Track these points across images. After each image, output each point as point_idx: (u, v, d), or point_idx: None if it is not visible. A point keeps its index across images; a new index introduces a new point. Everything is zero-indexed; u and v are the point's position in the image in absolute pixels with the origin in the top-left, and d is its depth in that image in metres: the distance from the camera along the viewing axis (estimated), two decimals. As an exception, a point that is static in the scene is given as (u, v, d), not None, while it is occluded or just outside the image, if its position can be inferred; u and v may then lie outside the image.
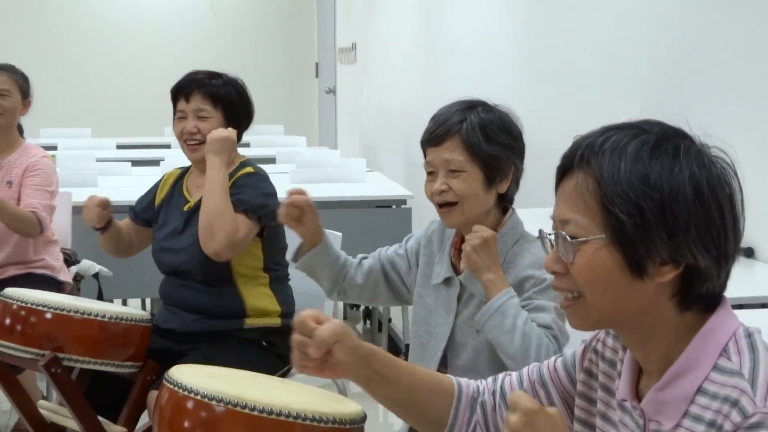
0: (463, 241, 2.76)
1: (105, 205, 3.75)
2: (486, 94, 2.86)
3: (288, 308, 3.76)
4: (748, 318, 1.75)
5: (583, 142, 1.54)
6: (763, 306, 3.20)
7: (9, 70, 4.80)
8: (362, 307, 6.83)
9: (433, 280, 2.81)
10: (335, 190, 6.02)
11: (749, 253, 4.07)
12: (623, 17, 5.04)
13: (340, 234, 4.05)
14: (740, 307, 2.58)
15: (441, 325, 2.77)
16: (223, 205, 3.53)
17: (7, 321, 3.42)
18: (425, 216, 5.35)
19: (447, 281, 2.77)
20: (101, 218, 3.74)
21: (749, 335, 1.49)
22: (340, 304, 3.73)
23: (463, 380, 1.86)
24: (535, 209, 3.83)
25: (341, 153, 8.78)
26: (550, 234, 1.59)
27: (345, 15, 11.09)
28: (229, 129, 3.62)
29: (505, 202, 2.76)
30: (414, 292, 2.89)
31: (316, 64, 12.50)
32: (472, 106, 2.69)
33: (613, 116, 1.59)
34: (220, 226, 3.49)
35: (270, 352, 3.67)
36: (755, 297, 3.38)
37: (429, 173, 2.71)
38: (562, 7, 5.76)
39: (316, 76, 12.49)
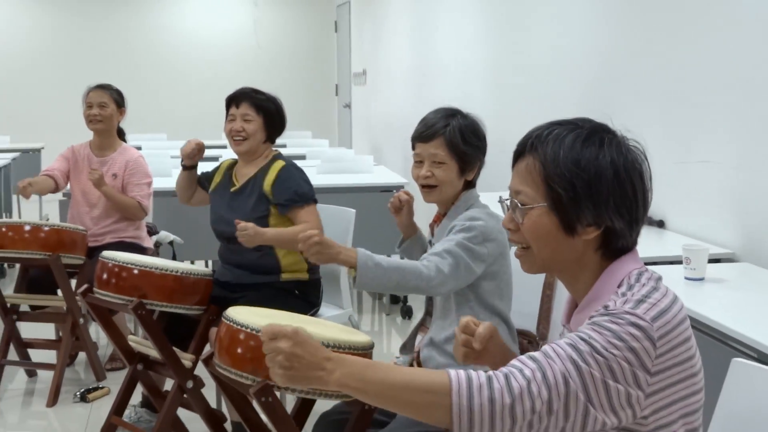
0: (438, 217, 2.83)
1: (201, 148, 3.89)
2: (463, 102, 2.89)
3: (312, 266, 3.77)
4: (659, 270, 1.79)
5: (533, 133, 1.59)
6: (671, 263, 3.23)
7: (106, 87, 4.81)
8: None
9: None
10: (350, 179, 6.07)
11: (661, 224, 4.10)
12: (564, 45, 5.08)
13: (354, 210, 4.08)
14: (654, 263, 2.60)
15: None
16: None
17: (105, 276, 3.45)
18: (417, 198, 5.46)
19: (429, 242, 2.83)
20: (193, 156, 3.87)
21: (640, 274, 1.54)
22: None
23: (463, 373, 1.45)
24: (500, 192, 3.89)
25: (355, 151, 8.78)
26: (506, 200, 1.63)
27: (357, 47, 11.07)
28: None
29: (470, 186, 2.77)
30: None
31: (336, 85, 12.47)
32: (452, 114, 2.71)
33: (557, 117, 1.63)
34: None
35: (300, 299, 3.70)
36: (665, 256, 3.43)
37: (417, 162, 2.72)
38: (519, 38, 5.79)
39: (336, 94, 12.47)
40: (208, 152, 7.86)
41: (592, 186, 1.51)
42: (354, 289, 4.33)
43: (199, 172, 4.05)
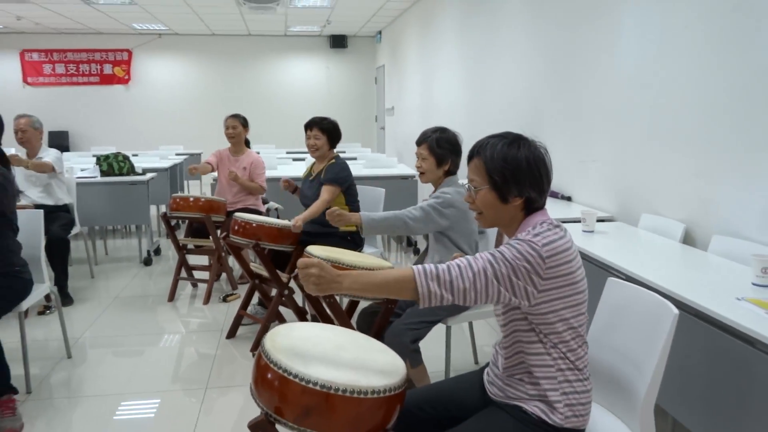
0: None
1: (291, 185, 3.82)
2: (450, 125, 2.89)
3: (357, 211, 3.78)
4: (568, 227, 1.80)
5: (478, 143, 1.60)
6: (575, 222, 3.21)
7: (237, 116, 4.77)
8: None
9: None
10: (383, 171, 6.03)
11: (569, 199, 4.08)
12: (509, 92, 5.03)
13: (383, 190, 4.09)
14: (564, 222, 2.60)
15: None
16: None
17: (236, 227, 3.49)
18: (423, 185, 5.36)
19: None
20: (292, 187, 3.82)
21: (543, 222, 1.54)
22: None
23: (420, 267, 1.47)
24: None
25: (386, 155, 8.77)
26: (467, 185, 1.64)
27: (388, 92, 10.99)
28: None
29: (450, 174, 2.75)
30: None
31: (375, 116, 12.41)
32: (437, 129, 2.71)
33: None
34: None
35: (351, 242, 3.69)
36: (571, 218, 3.41)
37: (417, 158, 2.74)
38: (484, 87, 5.73)
39: (375, 121, 12.40)
40: (299, 156, 7.83)
41: (514, 173, 1.53)
42: (384, 237, 4.38)
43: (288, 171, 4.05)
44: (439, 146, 2.67)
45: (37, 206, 4.34)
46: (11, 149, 8.93)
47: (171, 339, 3.77)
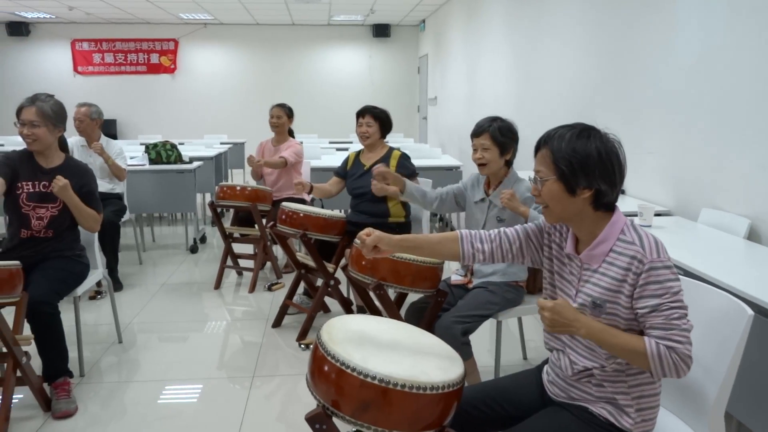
0: (490, 182, 2.76)
1: (307, 186, 3.68)
2: (493, 113, 2.82)
3: (408, 213, 3.75)
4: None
5: (546, 133, 1.54)
6: (630, 215, 3.11)
7: (282, 105, 4.81)
8: (438, 216, 6.84)
9: (474, 199, 2.79)
10: (427, 162, 5.98)
11: (623, 191, 3.96)
12: (564, 79, 4.90)
13: (430, 180, 4.04)
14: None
15: (478, 219, 2.76)
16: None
17: (283, 217, 3.50)
18: (467, 173, 5.29)
19: (482, 200, 2.75)
20: (306, 188, 3.63)
21: (632, 223, 1.50)
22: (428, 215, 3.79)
23: (465, 230, 1.76)
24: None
25: (429, 145, 8.70)
26: (532, 177, 1.59)
27: (431, 82, 10.91)
28: None
29: (509, 165, 2.69)
30: (466, 206, 2.87)
31: (418, 106, 12.34)
32: (494, 119, 2.64)
33: (559, 123, 1.59)
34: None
35: (399, 233, 3.62)
36: (627, 212, 3.28)
37: (474, 150, 2.65)
38: (534, 74, 5.61)
39: (418, 111, 12.33)
40: (342, 146, 7.87)
41: (582, 163, 1.47)
42: (432, 228, 4.32)
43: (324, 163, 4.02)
44: (502, 135, 2.60)
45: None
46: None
47: (217, 326, 3.81)
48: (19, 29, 11.46)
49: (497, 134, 2.60)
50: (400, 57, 12.44)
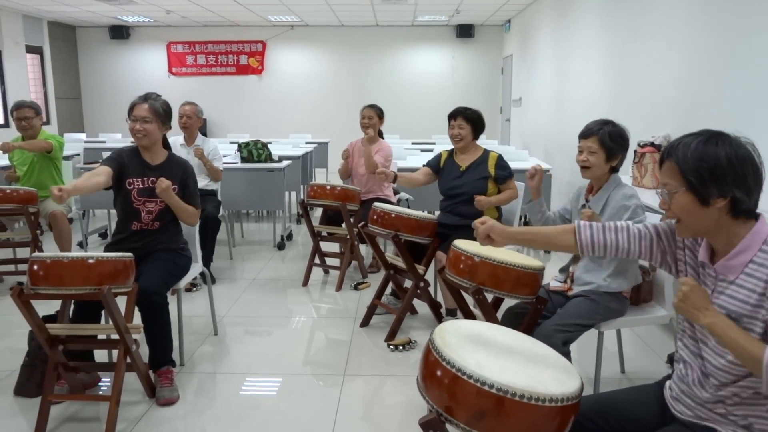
0: (591, 188, 2.67)
1: (390, 176, 3.69)
2: (584, 116, 2.71)
3: (500, 215, 3.69)
4: None
5: (670, 144, 1.47)
6: None
7: (374, 106, 4.83)
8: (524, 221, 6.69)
9: (578, 208, 2.69)
10: (514, 165, 5.69)
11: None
12: (663, 81, 4.67)
13: (522, 184, 3.94)
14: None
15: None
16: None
17: (375, 217, 3.51)
18: (555, 177, 5.09)
19: (582, 207, 2.65)
20: (390, 177, 3.67)
21: None
22: (518, 217, 3.76)
23: (583, 222, 1.70)
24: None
25: (514, 148, 8.55)
26: (659, 190, 1.51)
27: (516, 83, 10.71)
28: None
29: (614, 171, 2.59)
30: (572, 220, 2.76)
31: (501, 107, 12.15)
32: (606, 122, 2.54)
33: (656, 132, 1.50)
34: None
35: (489, 237, 3.63)
36: None
37: (579, 151, 2.57)
38: (630, 75, 5.38)
39: (501, 113, 12.16)
40: (426, 147, 7.84)
41: (713, 171, 1.37)
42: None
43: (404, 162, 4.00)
44: (612, 140, 2.50)
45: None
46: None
47: (304, 323, 3.88)
48: (120, 32, 12.14)
49: (606, 138, 2.50)
50: (483, 58, 12.30)
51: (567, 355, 2.41)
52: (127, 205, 2.94)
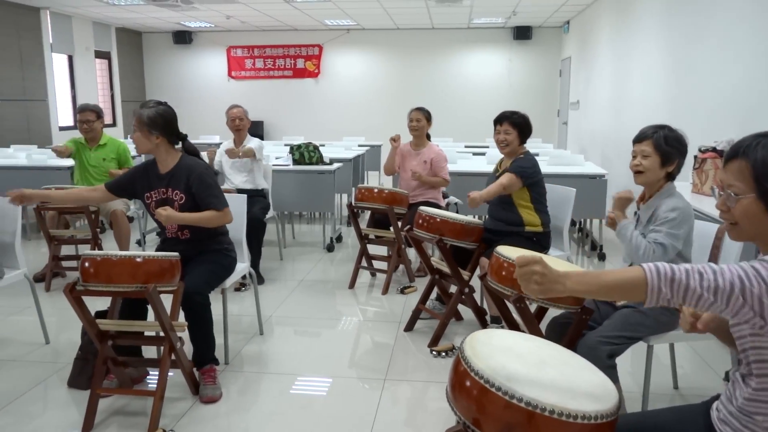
0: (644, 196, 2.56)
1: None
2: (643, 120, 2.60)
3: (545, 221, 3.58)
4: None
5: (742, 142, 1.34)
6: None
7: (422, 109, 4.79)
8: (578, 226, 6.51)
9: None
10: (568, 169, 5.70)
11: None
12: (724, 85, 4.45)
13: (574, 189, 3.85)
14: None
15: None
16: None
17: (420, 221, 3.49)
18: (612, 183, 4.96)
19: (634, 213, 2.56)
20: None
21: None
22: (568, 225, 3.65)
23: (653, 266, 1.27)
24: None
25: (570, 151, 8.35)
26: (716, 189, 1.42)
27: (574, 86, 10.47)
28: None
29: (670, 179, 2.47)
30: None
31: (558, 110, 11.90)
32: (662, 127, 2.44)
33: (717, 136, 1.39)
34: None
35: (537, 243, 3.51)
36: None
37: (633, 156, 2.47)
38: (690, 80, 5.16)
39: (558, 116, 11.90)
40: (478, 150, 7.75)
41: None
42: (570, 240, 4.08)
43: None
44: (668, 143, 2.40)
45: (240, 191, 4.72)
46: (214, 136, 9.89)
47: (349, 325, 3.88)
48: (183, 38, 12.54)
49: (661, 143, 2.39)
50: (540, 60, 12.08)
51: (613, 368, 2.31)
52: (153, 217, 2.92)
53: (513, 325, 2.78)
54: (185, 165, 2.93)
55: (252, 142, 4.94)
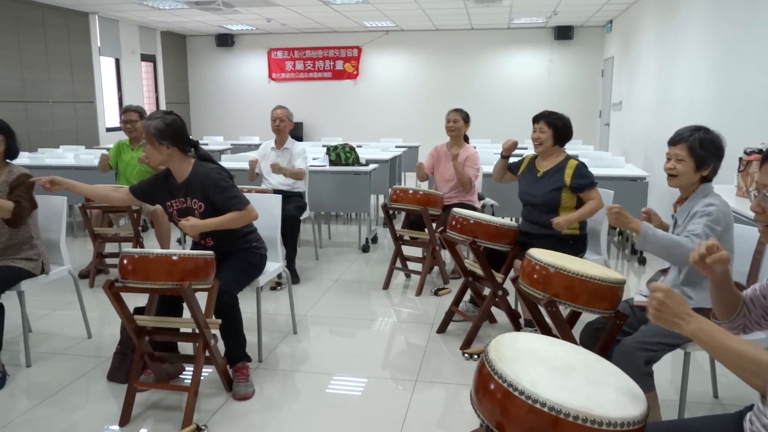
0: (682, 200, 2.49)
1: (515, 145, 3.84)
2: (687, 121, 2.53)
3: (582, 223, 3.51)
4: None
5: None
6: None
7: (459, 110, 4.75)
8: (618, 230, 6.37)
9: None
10: (609, 171, 5.58)
11: None
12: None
13: (612, 192, 3.77)
14: None
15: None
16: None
17: (454, 222, 3.47)
18: (654, 185, 4.84)
19: (672, 216, 2.50)
20: (509, 150, 3.84)
21: None
22: (606, 228, 3.57)
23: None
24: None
25: (611, 153, 8.18)
26: (753, 190, 1.38)
27: (616, 86, 10.24)
28: None
29: (706, 181, 2.40)
30: None
31: (600, 111, 11.67)
32: (697, 129, 2.37)
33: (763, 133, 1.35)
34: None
35: (573, 247, 3.44)
36: None
37: (667, 159, 2.42)
38: (736, 79, 4.99)
39: (599, 117, 11.67)
40: (515, 151, 7.70)
41: None
42: (608, 245, 4.00)
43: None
44: (702, 147, 2.33)
45: (276, 191, 4.78)
46: (254, 137, 10.03)
47: (383, 325, 3.89)
48: (225, 40, 12.78)
49: (696, 146, 2.33)
50: (582, 60, 11.88)
51: (649, 375, 2.26)
52: (177, 225, 2.94)
53: (545, 329, 2.74)
54: (199, 173, 2.89)
55: (296, 147, 4.98)
